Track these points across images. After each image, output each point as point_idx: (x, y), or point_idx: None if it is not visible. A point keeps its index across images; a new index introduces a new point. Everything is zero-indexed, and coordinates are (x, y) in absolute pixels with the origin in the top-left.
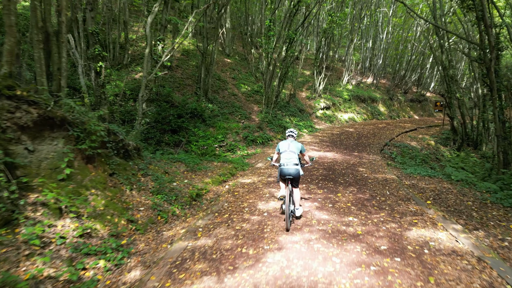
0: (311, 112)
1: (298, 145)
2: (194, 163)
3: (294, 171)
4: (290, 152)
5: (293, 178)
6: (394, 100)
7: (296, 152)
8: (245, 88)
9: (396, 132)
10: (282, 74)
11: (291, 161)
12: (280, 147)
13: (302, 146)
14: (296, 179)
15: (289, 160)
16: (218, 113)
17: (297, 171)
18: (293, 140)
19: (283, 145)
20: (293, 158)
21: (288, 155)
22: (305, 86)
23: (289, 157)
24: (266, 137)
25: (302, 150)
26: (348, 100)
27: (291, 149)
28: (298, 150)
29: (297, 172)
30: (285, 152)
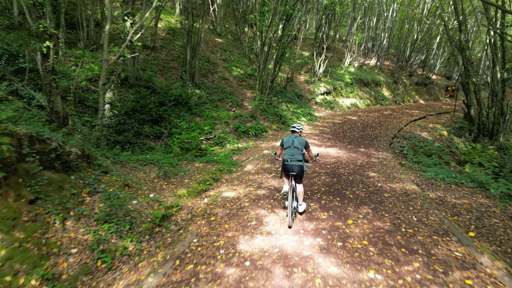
0: (310, 98)
1: (302, 141)
2: (170, 165)
3: (297, 167)
4: (294, 148)
5: (297, 174)
6: (398, 83)
7: (300, 148)
8: (237, 72)
9: (404, 121)
10: (278, 55)
11: (294, 157)
12: (284, 143)
13: (306, 141)
14: (300, 175)
15: (293, 156)
16: (206, 100)
17: (300, 167)
18: (297, 135)
19: (287, 140)
20: (297, 154)
21: (292, 151)
22: (303, 68)
23: (292, 153)
24: (259, 128)
25: (306, 146)
26: (350, 84)
27: (295, 145)
28: (302, 146)
29: (301, 168)
30: (289, 148)
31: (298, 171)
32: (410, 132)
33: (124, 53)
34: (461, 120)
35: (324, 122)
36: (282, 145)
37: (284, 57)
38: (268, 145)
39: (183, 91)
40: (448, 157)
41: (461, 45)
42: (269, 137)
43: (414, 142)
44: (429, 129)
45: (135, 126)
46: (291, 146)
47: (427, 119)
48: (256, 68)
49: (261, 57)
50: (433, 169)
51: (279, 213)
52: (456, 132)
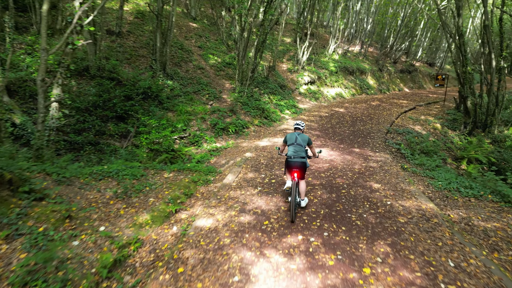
0: (294, 88)
1: (305, 138)
2: (133, 178)
3: (300, 164)
4: (297, 145)
5: (299, 171)
6: (383, 71)
7: (304, 145)
8: (215, 60)
9: (395, 113)
10: (259, 42)
11: (298, 154)
12: (288, 139)
13: (309, 138)
14: (302, 171)
15: (296, 153)
16: (179, 92)
17: (303, 164)
18: (301, 132)
19: (291, 137)
20: (300, 151)
21: (295, 148)
22: (285, 56)
23: (296, 150)
24: (240, 124)
25: (309, 143)
26: (335, 73)
27: (298, 142)
28: (305, 142)
29: (304, 165)
30: (293, 145)
31: (301, 168)
32: (403, 125)
33: (73, 40)
34: (453, 111)
35: (310, 115)
36: (286, 142)
37: (265, 43)
38: (250, 145)
39: (153, 83)
40: (444, 153)
41: (458, 30)
42: (251, 134)
43: (409, 138)
44: (422, 121)
45: (96, 124)
46: (295, 143)
47: (417, 110)
48: (235, 56)
49: (240, 44)
50: (440, 174)
51: (271, 256)
52: (449, 125)
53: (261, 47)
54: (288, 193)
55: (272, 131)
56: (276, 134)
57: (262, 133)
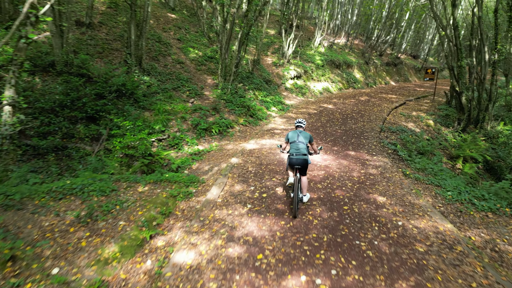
0: (280, 83)
1: (307, 135)
2: (101, 194)
3: (302, 161)
4: (299, 142)
5: (302, 168)
6: (370, 64)
7: (305, 142)
8: (195, 54)
9: (385, 109)
10: (243, 34)
11: (300, 152)
12: (290, 137)
13: (310, 136)
14: (304, 168)
15: (298, 151)
16: (157, 89)
17: (305, 161)
18: (302, 130)
19: (292, 135)
20: (302, 149)
21: (297, 145)
22: (270, 49)
23: (298, 148)
24: (224, 123)
25: (310, 140)
26: (321, 66)
27: (300, 139)
28: (307, 140)
29: (306, 162)
30: (295, 143)
31: (303, 165)
32: (396, 123)
33: (27, 33)
34: (445, 106)
35: (298, 112)
36: (288, 140)
37: (249, 36)
38: (236, 148)
39: (127, 79)
40: (439, 152)
41: (454, 22)
42: (236, 134)
43: (404, 137)
44: (414, 118)
45: (64, 127)
46: (297, 141)
47: (408, 105)
48: (217, 49)
49: (222, 37)
50: (446, 181)
51: None
52: (442, 121)
53: (245, 40)
54: (290, 189)
55: (258, 131)
56: (263, 135)
57: (248, 134)
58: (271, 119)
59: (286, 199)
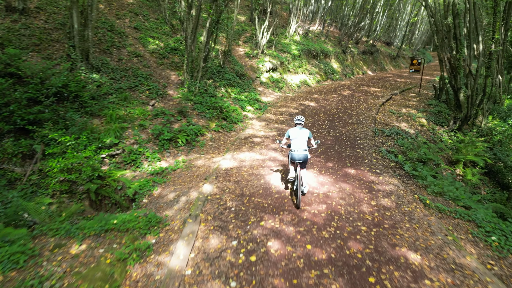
0: (254, 77)
1: (307, 132)
2: (11, 267)
3: (303, 156)
4: (300, 139)
5: (302, 162)
6: (347, 53)
7: (305, 139)
8: (156, 45)
9: (372, 105)
10: (212, 22)
11: (301, 148)
12: (290, 134)
13: (309, 133)
14: (304, 162)
15: (299, 147)
16: (109, 89)
17: (306, 156)
18: (302, 127)
19: (293, 132)
20: (303, 145)
21: (298, 142)
22: (241, 37)
23: (299, 144)
24: (193, 130)
25: (309, 136)
26: (298, 57)
27: (301, 136)
28: (306, 136)
29: (306, 157)
30: (295, 139)
31: (304, 160)
32: (387, 123)
33: None
34: (435, 101)
35: (277, 113)
36: (288, 136)
37: (220, 24)
38: (209, 164)
39: (71, 78)
40: (438, 156)
41: (454, 9)
42: (207, 144)
43: (401, 143)
44: (405, 116)
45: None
46: (298, 138)
47: (394, 100)
48: (181, 40)
49: (187, 25)
50: (478, 213)
51: None
52: (436, 120)
53: (215, 29)
54: (292, 182)
55: (234, 139)
56: (240, 145)
57: (222, 143)
58: (247, 122)
59: None
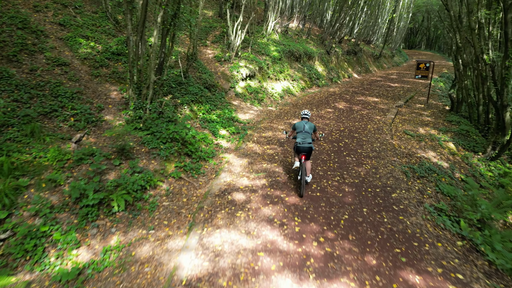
0: (228, 88)
1: (312, 125)
2: None
3: (308, 148)
4: (305, 132)
5: (307, 154)
6: (331, 54)
7: (310, 132)
8: (90, 48)
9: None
10: (168, 16)
11: (306, 140)
12: (297, 127)
13: (314, 126)
14: (309, 154)
15: (304, 139)
16: (8, 119)
17: (310, 148)
18: (307, 121)
19: (299, 125)
20: (308, 138)
21: (304, 135)
22: (209, 36)
23: (304, 137)
24: (138, 184)
25: (315, 130)
26: (278, 60)
27: (306, 129)
28: (311, 130)
29: (310, 149)
30: (301, 133)
31: (308, 151)
32: (411, 153)
33: None
34: (455, 117)
35: (262, 139)
36: (294, 129)
37: (178, 18)
38: (159, 256)
39: None
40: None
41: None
42: (161, 206)
43: (445, 190)
44: (428, 140)
45: None
46: (303, 131)
47: (402, 113)
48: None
49: (128, 18)
50: None
51: None
52: (465, 144)
53: (172, 26)
54: (297, 172)
55: (204, 196)
56: (214, 211)
57: (185, 203)
58: (222, 157)
59: None
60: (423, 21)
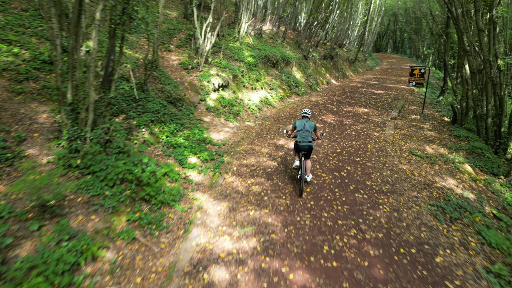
0: (197, 101)
1: (312, 124)
2: None
3: (308, 147)
4: (305, 131)
5: (306, 153)
6: (309, 58)
7: (310, 130)
8: (12, 55)
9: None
10: (116, 15)
11: (306, 139)
12: (297, 126)
13: (315, 125)
14: (309, 153)
15: (304, 138)
16: None
17: (310, 147)
18: (308, 119)
19: (299, 124)
20: (308, 136)
21: (304, 133)
22: (173, 40)
23: (304, 135)
24: (67, 263)
25: (315, 129)
26: (254, 66)
27: (306, 128)
28: (312, 128)
29: (310, 148)
30: (301, 131)
31: (308, 150)
32: (427, 182)
33: None
34: (461, 130)
35: (243, 170)
36: (295, 127)
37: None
38: None
39: None
40: None
41: None
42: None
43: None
44: (441, 162)
45: None
46: (303, 130)
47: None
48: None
49: (51, 14)
50: None
51: None
52: (482, 164)
53: (120, 25)
54: (296, 171)
55: (166, 276)
56: None
57: None
58: (193, 198)
59: None
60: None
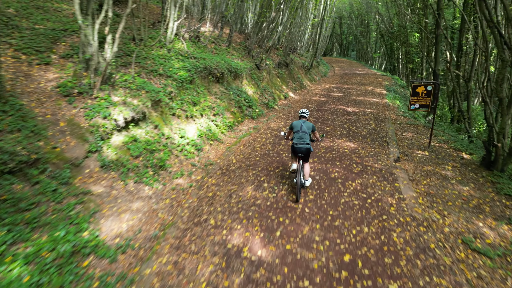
0: (82, 155)
1: (310, 125)
2: None
3: (305, 150)
4: (303, 132)
5: (304, 156)
6: (262, 68)
7: (308, 132)
8: None
9: (410, 229)
10: None
11: (303, 141)
12: (294, 127)
13: (313, 126)
14: (307, 156)
15: (301, 140)
16: None
17: (308, 149)
18: (305, 120)
19: (296, 125)
20: (305, 138)
21: (301, 135)
22: (59, 46)
23: (301, 137)
24: None
25: (313, 130)
26: (188, 83)
27: (304, 129)
28: (309, 130)
29: (308, 150)
30: (298, 132)
31: (306, 153)
32: None
33: None
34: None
35: None
36: (292, 128)
37: None
38: None
39: None
40: None
41: None
42: None
43: None
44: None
45: None
46: (300, 131)
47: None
48: None
49: None
50: None
51: None
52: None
53: None
54: (293, 175)
55: None
56: None
57: None
58: None
59: None
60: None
